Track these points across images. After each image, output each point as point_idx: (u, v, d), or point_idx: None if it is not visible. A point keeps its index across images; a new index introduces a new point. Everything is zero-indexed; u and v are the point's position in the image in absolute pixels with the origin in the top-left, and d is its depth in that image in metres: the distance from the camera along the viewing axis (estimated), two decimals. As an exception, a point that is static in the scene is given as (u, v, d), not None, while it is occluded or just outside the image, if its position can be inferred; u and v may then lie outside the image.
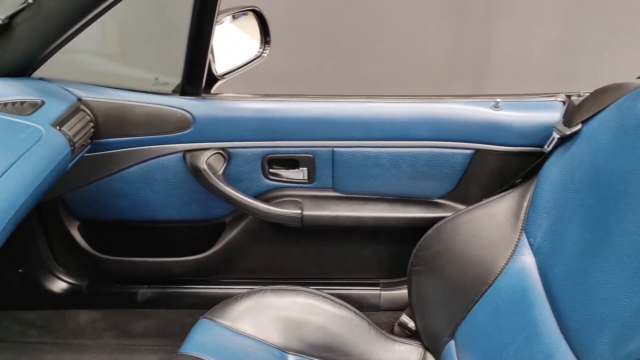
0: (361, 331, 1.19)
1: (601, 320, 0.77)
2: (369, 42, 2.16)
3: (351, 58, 2.17)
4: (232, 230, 1.33)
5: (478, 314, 1.04)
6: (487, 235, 1.05)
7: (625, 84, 0.93)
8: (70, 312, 1.45)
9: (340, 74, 2.19)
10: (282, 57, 1.94)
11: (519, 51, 2.19)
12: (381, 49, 2.17)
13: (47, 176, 0.89)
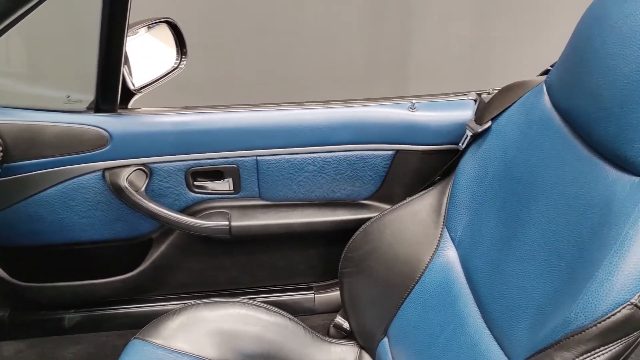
0: (297, 336, 1.20)
1: (518, 307, 0.81)
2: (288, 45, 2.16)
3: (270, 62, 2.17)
4: (160, 246, 1.30)
5: (407, 310, 1.07)
6: (412, 233, 1.08)
7: (528, 82, 0.98)
8: (-9, 345, 1.38)
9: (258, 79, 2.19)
10: (200, 64, 1.93)
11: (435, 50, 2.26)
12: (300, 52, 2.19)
13: None
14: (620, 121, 0.69)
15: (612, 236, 0.65)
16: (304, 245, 1.34)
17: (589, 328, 0.63)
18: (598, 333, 0.63)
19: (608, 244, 0.65)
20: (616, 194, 0.68)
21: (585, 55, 0.77)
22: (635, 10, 0.68)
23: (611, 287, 0.63)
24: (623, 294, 0.62)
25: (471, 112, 1.14)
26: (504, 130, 0.97)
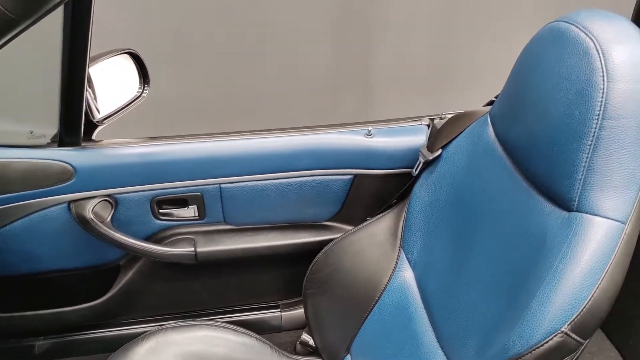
0: (264, 355, 1.23)
1: (466, 329, 0.86)
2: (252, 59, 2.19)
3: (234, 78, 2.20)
4: (128, 272, 1.32)
5: (368, 328, 1.11)
6: (370, 255, 1.13)
7: (475, 112, 1.03)
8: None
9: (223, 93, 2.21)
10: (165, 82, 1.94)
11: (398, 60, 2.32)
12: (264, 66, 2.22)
13: None
14: (551, 159, 0.74)
15: (546, 268, 0.70)
16: (269, 266, 1.37)
17: (524, 355, 0.68)
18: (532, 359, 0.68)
19: (542, 275, 0.70)
20: (549, 227, 0.73)
21: (522, 92, 0.82)
22: (567, 54, 0.72)
23: (544, 317, 0.68)
24: (554, 323, 0.67)
25: (424, 137, 1.19)
26: (453, 158, 1.02)
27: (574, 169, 0.70)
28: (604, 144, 0.67)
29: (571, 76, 0.70)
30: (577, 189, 0.70)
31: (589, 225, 0.68)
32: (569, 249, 0.68)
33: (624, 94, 0.66)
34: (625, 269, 0.68)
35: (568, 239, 0.69)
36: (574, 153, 0.69)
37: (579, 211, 0.70)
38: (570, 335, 0.67)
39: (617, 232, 0.67)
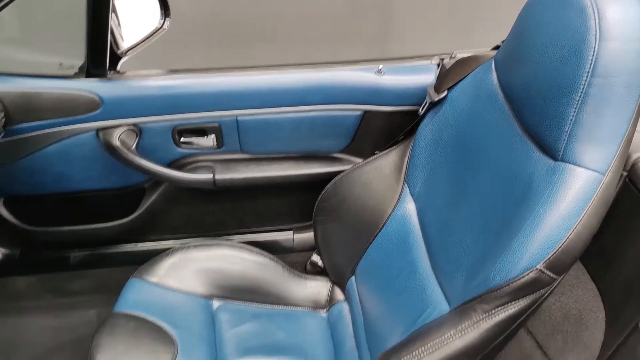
0: (277, 273, 1.34)
1: (457, 260, 0.94)
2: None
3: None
4: (152, 194, 1.41)
5: (372, 254, 1.20)
6: (377, 187, 1.19)
7: (481, 56, 1.06)
8: (6, 278, 1.52)
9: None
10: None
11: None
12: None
13: None
14: (543, 111, 0.78)
15: (528, 212, 0.76)
16: (283, 193, 1.45)
17: (502, 287, 0.76)
18: (510, 291, 0.76)
19: (524, 217, 0.76)
20: (536, 173, 0.79)
21: (522, 43, 0.85)
22: (565, 11, 0.74)
23: (522, 255, 0.74)
24: (531, 261, 0.74)
25: (433, 76, 1.22)
26: (457, 100, 1.05)
27: (561, 122, 0.74)
28: (591, 100, 0.71)
29: (567, 33, 0.73)
30: (563, 140, 0.74)
31: (571, 174, 0.73)
32: (550, 195, 0.74)
33: (614, 52, 0.69)
34: (601, 215, 0.74)
35: (550, 186, 0.74)
36: (563, 107, 0.73)
37: (563, 161, 0.75)
38: (545, 272, 0.74)
39: (596, 182, 0.72)
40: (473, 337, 0.80)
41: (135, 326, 1.15)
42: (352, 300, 1.24)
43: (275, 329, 1.26)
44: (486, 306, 0.79)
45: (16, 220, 1.41)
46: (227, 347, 1.20)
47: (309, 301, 1.33)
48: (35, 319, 1.50)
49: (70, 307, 1.52)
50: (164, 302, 1.21)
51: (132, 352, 1.10)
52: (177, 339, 1.15)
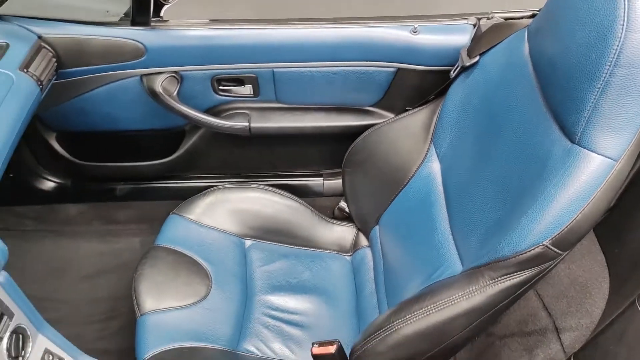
0: (306, 217, 1.41)
1: (473, 224, 0.98)
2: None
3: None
4: (192, 137, 1.48)
5: (395, 207, 1.25)
6: (404, 144, 1.23)
7: (516, 24, 1.05)
8: (59, 205, 1.64)
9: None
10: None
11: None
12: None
13: (22, 121, 1.02)
14: (565, 92, 0.78)
15: (541, 190, 0.79)
16: (315, 142, 1.49)
17: (510, 258, 0.81)
18: (516, 262, 0.81)
19: (536, 195, 0.80)
20: (553, 153, 0.81)
21: (553, 20, 0.84)
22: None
23: (531, 231, 0.78)
24: (538, 238, 0.78)
25: (468, 37, 1.21)
26: (488, 67, 1.06)
27: (581, 107, 0.75)
28: (612, 89, 0.72)
29: (595, 18, 0.73)
30: (581, 125, 0.76)
31: (585, 159, 0.75)
32: (563, 177, 0.76)
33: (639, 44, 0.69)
34: (610, 199, 0.77)
35: (564, 168, 0.77)
36: (584, 92, 0.74)
37: (579, 145, 0.76)
38: (550, 248, 0.78)
39: (608, 168, 0.74)
40: (479, 300, 0.85)
41: (174, 260, 1.25)
42: (375, 248, 1.31)
43: (301, 269, 1.35)
44: (493, 274, 0.84)
45: (67, 154, 1.51)
46: (256, 283, 1.29)
47: (335, 245, 1.41)
48: (85, 243, 1.63)
49: (116, 234, 1.64)
50: (201, 239, 1.31)
51: (170, 283, 1.21)
52: (211, 273, 1.25)
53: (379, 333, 0.94)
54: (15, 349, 0.84)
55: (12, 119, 0.99)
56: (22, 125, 1.02)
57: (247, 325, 1.22)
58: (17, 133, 1.00)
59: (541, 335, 1.01)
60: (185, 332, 1.14)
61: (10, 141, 0.97)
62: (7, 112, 0.98)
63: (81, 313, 1.49)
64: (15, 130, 0.99)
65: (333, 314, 1.28)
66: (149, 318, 1.15)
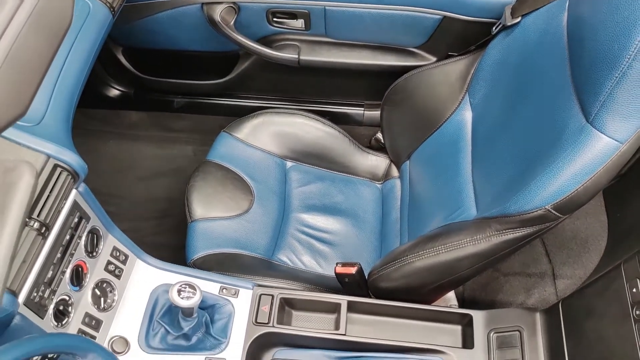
0: (343, 145, 1.51)
1: (492, 176, 1.07)
2: None
3: None
4: (245, 62, 1.56)
5: (426, 147, 1.34)
6: (441, 90, 1.29)
7: (560, -11, 1.06)
8: (122, 111, 1.79)
9: None
10: None
11: None
12: None
13: (98, 44, 1.13)
14: (588, 73, 0.84)
15: (551, 161, 0.87)
16: (359, 77, 1.56)
17: (514, 216, 0.91)
18: (520, 220, 0.91)
19: (546, 164, 0.88)
20: (569, 127, 0.87)
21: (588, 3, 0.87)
22: None
23: (536, 196, 0.87)
24: (542, 202, 0.87)
25: None
26: (528, 29, 1.09)
27: (599, 91, 0.81)
28: (628, 80, 0.77)
29: (624, 12, 0.77)
30: (596, 107, 0.82)
31: (594, 138, 0.82)
32: (572, 152, 0.84)
33: None
34: (611, 175, 0.84)
35: (575, 144, 0.84)
36: (603, 79, 0.80)
37: (592, 124, 0.83)
38: (552, 212, 0.87)
39: (613, 149, 0.81)
40: (483, 247, 0.97)
41: (223, 175, 1.39)
42: (404, 180, 1.42)
43: (335, 192, 1.48)
44: (499, 226, 0.95)
45: (132, 67, 1.63)
46: (293, 202, 1.44)
47: (368, 173, 1.52)
48: (144, 147, 1.79)
49: (172, 142, 1.79)
50: (246, 157, 1.44)
51: (218, 196, 1.36)
52: (254, 189, 1.39)
53: (395, 263, 1.07)
54: (91, 245, 1.02)
55: (90, 43, 1.09)
56: (98, 47, 1.13)
57: (282, 238, 1.37)
58: (94, 55, 1.11)
59: (540, 278, 1.13)
60: (229, 240, 1.30)
61: (89, 62, 1.08)
62: (87, 37, 1.09)
63: (139, 209, 1.68)
64: (92, 53, 1.10)
65: (359, 235, 1.42)
66: (198, 225, 1.31)
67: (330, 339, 1.08)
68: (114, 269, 1.06)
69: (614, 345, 0.86)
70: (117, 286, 1.06)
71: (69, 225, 0.94)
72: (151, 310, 1.08)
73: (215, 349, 1.06)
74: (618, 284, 0.87)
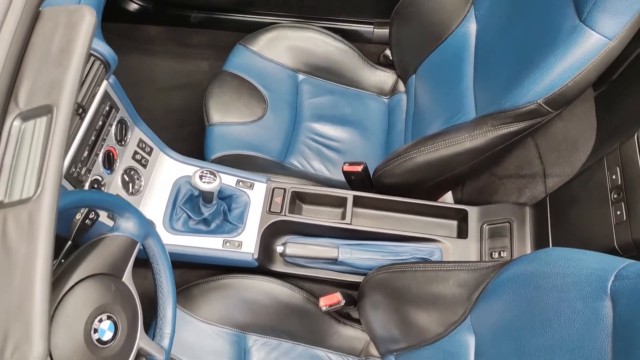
0: (353, 60, 1.58)
1: (490, 81, 1.13)
2: None
3: None
4: None
5: (432, 60, 1.40)
6: (448, 4, 1.33)
7: None
8: (141, 25, 1.83)
9: None
10: None
11: None
12: None
13: None
14: None
15: (544, 59, 0.93)
16: None
17: (509, 111, 0.98)
18: (514, 115, 0.98)
19: (539, 62, 0.93)
20: (563, 27, 0.93)
21: None
22: None
23: (529, 91, 0.94)
24: (534, 97, 0.93)
25: None
26: None
27: None
28: None
29: None
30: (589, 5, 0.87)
31: (585, 35, 0.88)
32: (564, 50, 0.90)
33: None
34: (599, 71, 0.90)
35: (567, 43, 0.90)
36: None
37: (584, 23, 0.89)
38: (543, 106, 0.94)
39: (602, 45, 0.87)
40: (480, 142, 1.05)
41: (238, 84, 1.47)
42: (410, 94, 1.49)
43: (344, 105, 1.56)
44: (495, 122, 1.02)
45: None
46: (304, 112, 1.51)
47: (376, 87, 1.59)
48: (161, 61, 1.85)
49: (188, 56, 1.85)
50: (261, 69, 1.51)
51: (234, 103, 1.44)
52: (268, 99, 1.47)
53: (397, 159, 1.16)
54: (120, 134, 1.11)
55: None
56: None
57: (293, 144, 1.46)
58: None
59: (532, 178, 1.21)
60: (244, 143, 1.39)
61: None
62: None
63: (158, 119, 1.74)
64: None
65: (366, 145, 1.50)
66: (215, 128, 1.40)
67: (337, 227, 1.18)
68: (140, 159, 1.16)
69: (593, 227, 0.95)
70: (143, 174, 1.16)
71: (101, 113, 1.03)
72: (174, 198, 1.19)
73: (233, 232, 1.16)
74: (600, 174, 0.95)
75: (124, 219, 0.82)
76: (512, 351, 0.79)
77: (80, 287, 0.73)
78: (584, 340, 0.67)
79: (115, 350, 0.77)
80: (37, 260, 0.42)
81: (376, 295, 1.07)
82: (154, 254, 0.88)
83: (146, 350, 0.85)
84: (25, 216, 0.43)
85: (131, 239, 0.83)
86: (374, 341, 1.17)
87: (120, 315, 0.78)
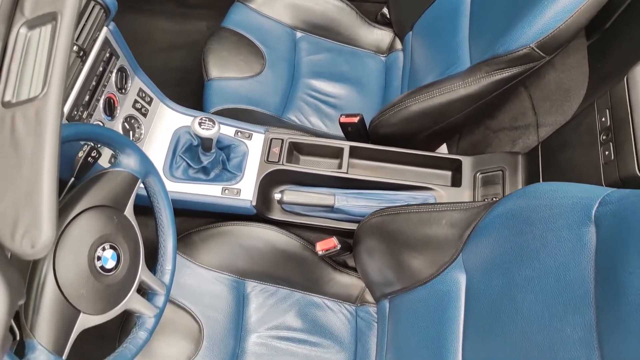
0: (351, 18, 1.59)
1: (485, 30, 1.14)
2: None
3: None
4: None
5: (428, 16, 1.40)
6: None
7: None
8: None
9: None
10: None
11: None
12: None
13: None
14: None
15: (537, 4, 0.95)
16: None
17: (502, 56, 0.99)
18: (507, 60, 0.99)
19: (531, 7, 0.95)
20: None
21: None
22: None
23: (521, 35, 0.95)
24: (527, 40, 0.95)
25: None
26: None
27: None
28: None
29: None
30: None
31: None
32: (556, -7, 0.92)
33: None
34: (591, 14, 0.92)
35: (560, -15, 0.92)
36: None
37: (577, -34, 0.90)
38: (535, 50, 0.95)
39: None
40: (474, 89, 1.07)
41: (237, 40, 1.48)
42: (406, 51, 1.50)
43: (341, 62, 1.57)
44: (488, 68, 1.04)
45: None
46: (302, 69, 1.52)
47: (373, 46, 1.60)
48: (160, 21, 1.85)
49: (186, 16, 1.85)
50: (260, 25, 1.52)
51: (232, 58, 1.45)
52: (266, 55, 1.48)
53: (393, 108, 1.18)
54: (120, 82, 1.12)
55: None
56: None
57: (291, 100, 1.47)
58: None
59: (525, 129, 1.23)
60: (242, 97, 1.41)
61: None
62: None
63: (158, 78, 1.75)
64: None
65: (363, 101, 1.52)
66: (214, 83, 1.41)
67: (333, 176, 1.21)
68: (140, 107, 1.18)
69: (582, 168, 0.97)
70: (143, 123, 1.18)
71: (102, 59, 1.04)
72: (174, 147, 1.21)
73: (232, 180, 1.19)
74: (590, 118, 0.97)
75: (126, 155, 0.84)
76: (501, 285, 0.80)
77: (84, 217, 0.76)
78: (569, 266, 0.69)
79: (118, 279, 0.79)
80: (45, 152, 0.44)
81: (371, 240, 1.10)
82: (154, 192, 0.91)
83: (148, 284, 0.87)
84: (32, 113, 0.45)
85: (132, 174, 0.85)
86: (369, 287, 1.19)
87: (122, 246, 0.80)
